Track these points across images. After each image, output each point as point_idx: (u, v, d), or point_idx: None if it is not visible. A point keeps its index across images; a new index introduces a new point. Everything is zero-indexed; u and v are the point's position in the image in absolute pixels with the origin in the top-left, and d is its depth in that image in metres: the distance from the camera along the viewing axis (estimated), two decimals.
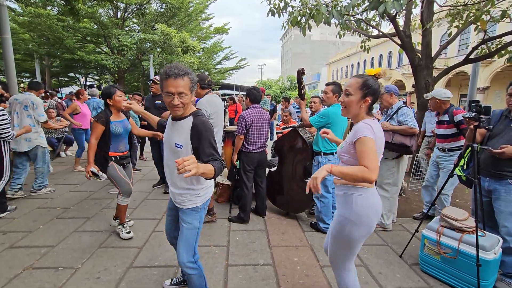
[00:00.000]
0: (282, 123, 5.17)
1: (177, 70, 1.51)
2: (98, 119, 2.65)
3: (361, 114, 1.58)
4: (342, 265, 1.65)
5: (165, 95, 1.53)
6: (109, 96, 2.71)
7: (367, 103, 1.56)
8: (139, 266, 2.41)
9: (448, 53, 22.59)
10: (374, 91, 1.56)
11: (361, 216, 1.52)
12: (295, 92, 31.38)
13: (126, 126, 2.86)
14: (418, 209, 3.92)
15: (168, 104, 1.56)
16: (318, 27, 4.77)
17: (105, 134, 2.68)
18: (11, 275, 2.23)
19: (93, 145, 2.65)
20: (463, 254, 2.17)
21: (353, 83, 1.57)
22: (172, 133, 1.65)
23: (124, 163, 2.94)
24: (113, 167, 2.77)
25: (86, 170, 2.61)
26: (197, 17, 20.40)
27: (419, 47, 5.48)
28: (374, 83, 1.56)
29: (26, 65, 19.13)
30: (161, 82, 1.54)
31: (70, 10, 7.64)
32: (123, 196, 2.83)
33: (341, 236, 1.59)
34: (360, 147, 1.44)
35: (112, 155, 2.79)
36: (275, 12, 4.94)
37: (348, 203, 1.55)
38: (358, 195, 1.54)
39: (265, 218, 3.51)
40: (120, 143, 2.85)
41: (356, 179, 1.40)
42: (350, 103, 1.57)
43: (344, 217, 1.56)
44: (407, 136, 2.95)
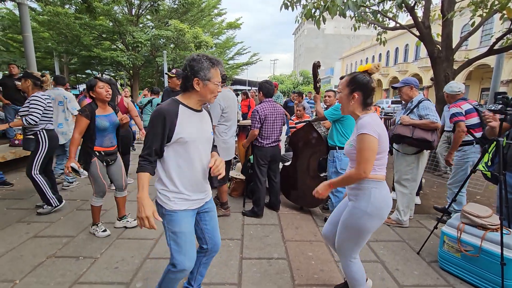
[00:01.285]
0: (296, 118, 5.12)
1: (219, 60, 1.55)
2: (82, 113, 2.53)
3: (355, 110, 1.63)
4: (349, 254, 1.71)
5: (214, 84, 1.50)
6: (91, 88, 2.60)
7: (355, 99, 1.60)
8: (155, 258, 2.46)
9: (469, 45, 21.69)
10: (361, 86, 1.59)
11: (377, 209, 1.58)
12: (307, 87, 31.04)
13: (113, 120, 2.72)
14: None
15: (213, 92, 1.51)
16: (332, 20, 4.69)
17: (89, 128, 2.57)
18: (35, 263, 2.33)
19: (76, 140, 2.56)
20: (486, 252, 2.09)
21: (343, 81, 1.67)
22: (202, 124, 1.60)
23: (109, 160, 2.77)
24: (94, 164, 2.63)
25: (66, 166, 2.55)
26: (209, 12, 20.41)
27: (439, 38, 5.27)
28: (362, 78, 1.60)
29: (46, 63, 19.78)
30: (208, 71, 1.47)
31: (86, 8, 7.82)
32: (96, 197, 2.73)
33: (354, 228, 1.64)
34: (358, 144, 1.52)
35: (96, 150, 2.65)
36: (289, 6, 4.86)
37: (366, 196, 1.59)
38: (376, 189, 1.59)
39: (279, 213, 3.51)
40: (106, 137, 2.69)
41: (352, 182, 1.60)
42: (341, 100, 1.68)
43: (361, 210, 1.60)
44: (429, 131, 2.85)
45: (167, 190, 1.53)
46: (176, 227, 1.53)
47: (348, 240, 1.69)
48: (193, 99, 1.53)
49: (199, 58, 1.48)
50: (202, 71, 1.46)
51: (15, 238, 2.72)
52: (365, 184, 1.59)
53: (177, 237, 1.53)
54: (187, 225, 1.57)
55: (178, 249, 1.54)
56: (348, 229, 1.67)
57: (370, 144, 1.48)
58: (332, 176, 3.07)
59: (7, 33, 15.01)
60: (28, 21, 5.45)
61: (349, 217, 1.65)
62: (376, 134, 1.50)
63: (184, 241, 1.54)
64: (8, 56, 14.47)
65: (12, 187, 4.16)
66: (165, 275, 1.63)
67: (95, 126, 2.59)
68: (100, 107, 2.67)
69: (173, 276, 1.59)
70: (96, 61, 18.65)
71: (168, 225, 1.55)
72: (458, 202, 3.15)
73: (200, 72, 1.45)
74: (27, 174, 3.16)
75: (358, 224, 1.61)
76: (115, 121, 2.75)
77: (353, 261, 1.72)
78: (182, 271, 1.56)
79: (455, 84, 3.27)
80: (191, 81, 1.47)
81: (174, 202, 1.53)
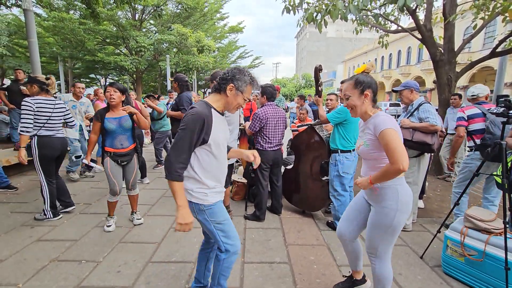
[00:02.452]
0: (298, 121, 5.13)
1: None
2: (94, 116, 2.87)
3: (368, 110, 1.67)
4: (384, 254, 1.72)
5: (243, 99, 1.62)
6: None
7: (367, 97, 1.64)
8: (157, 261, 2.47)
9: (472, 47, 21.61)
10: (369, 84, 1.65)
11: (405, 204, 1.63)
12: (309, 90, 31.06)
13: (121, 123, 2.85)
14: (439, 209, 3.78)
15: (239, 104, 1.62)
16: (334, 23, 4.73)
17: (101, 129, 2.85)
18: (38, 266, 2.35)
19: (91, 139, 2.89)
20: (490, 256, 2.07)
21: (347, 86, 1.70)
22: (226, 126, 1.73)
23: (119, 160, 2.91)
24: (106, 163, 2.86)
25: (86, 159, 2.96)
26: (212, 17, 20.58)
27: (441, 41, 5.26)
28: (365, 77, 1.67)
29: (50, 68, 20.05)
30: (245, 84, 1.59)
31: (91, 13, 7.92)
32: (110, 194, 2.96)
33: (387, 226, 1.65)
34: (385, 139, 1.51)
35: (107, 151, 2.86)
36: (290, 9, 4.89)
37: (394, 194, 1.63)
38: (400, 185, 1.63)
39: (281, 216, 3.50)
40: (115, 139, 2.87)
41: (391, 177, 1.55)
42: (353, 104, 1.68)
43: (391, 208, 1.62)
44: (428, 134, 2.84)
45: (203, 188, 1.60)
46: (220, 216, 1.65)
47: (383, 241, 1.70)
48: (220, 104, 1.62)
49: (244, 71, 1.60)
50: (240, 81, 1.56)
51: (19, 242, 2.74)
52: (390, 183, 1.62)
53: (223, 225, 1.65)
54: (225, 212, 1.70)
55: (226, 235, 1.66)
56: (382, 230, 1.68)
57: (396, 137, 1.50)
58: (334, 179, 3.06)
59: (13, 38, 15.24)
60: (34, 27, 5.52)
61: (381, 218, 1.67)
62: (397, 129, 1.54)
63: (229, 227, 1.68)
64: (14, 61, 14.71)
65: (17, 191, 4.19)
66: (221, 265, 1.69)
67: (103, 128, 2.82)
68: (112, 110, 2.87)
69: (230, 260, 1.70)
70: (100, 65, 18.87)
71: (211, 218, 1.63)
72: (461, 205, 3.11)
73: (238, 81, 1.56)
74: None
75: (392, 223, 1.63)
76: (123, 124, 2.87)
77: (387, 262, 1.74)
78: (236, 252, 1.70)
79: (472, 88, 3.23)
80: (227, 85, 1.56)
81: (212, 197, 1.62)
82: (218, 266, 1.70)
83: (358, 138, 1.81)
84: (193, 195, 1.59)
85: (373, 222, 1.72)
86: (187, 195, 1.59)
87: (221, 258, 1.68)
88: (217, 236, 1.65)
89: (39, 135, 3.08)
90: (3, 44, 11.02)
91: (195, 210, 1.61)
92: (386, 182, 1.62)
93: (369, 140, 1.64)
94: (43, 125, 3.10)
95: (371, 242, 1.75)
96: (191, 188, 1.58)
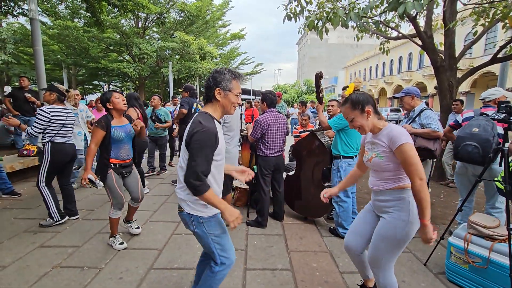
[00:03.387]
0: (300, 127, 5.15)
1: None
2: (98, 124, 2.54)
3: (375, 123, 1.67)
4: (388, 265, 1.71)
5: (235, 95, 1.60)
6: (107, 101, 2.62)
7: (370, 113, 1.64)
8: (159, 268, 2.46)
9: (473, 53, 21.66)
10: (366, 100, 1.65)
11: (415, 215, 1.59)
12: (311, 96, 31.14)
13: (128, 131, 2.72)
14: (443, 215, 3.75)
15: (233, 102, 1.60)
16: (335, 30, 4.76)
17: (105, 139, 2.57)
18: (41, 272, 2.35)
19: (92, 151, 2.55)
20: (494, 263, 2.05)
21: (346, 111, 1.70)
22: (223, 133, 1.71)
23: (124, 172, 2.76)
24: (110, 177, 2.62)
25: (83, 177, 2.52)
26: (214, 24, 20.83)
27: (441, 47, 5.29)
28: (359, 95, 1.67)
29: (55, 75, 20.28)
30: (229, 82, 1.57)
31: (95, 21, 8.06)
32: (114, 209, 2.72)
33: (397, 239, 1.62)
34: (406, 153, 1.51)
35: (111, 162, 2.63)
36: (292, 17, 4.95)
37: (406, 206, 1.61)
38: (411, 196, 1.60)
39: (283, 223, 3.49)
40: (122, 149, 2.68)
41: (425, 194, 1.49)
42: (359, 124, 1.67)
43: (403, 220, 1.60)
44: (431, 140, 2.85)
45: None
46: (218, 229, 1.64)
47: (388, 253, 1.67)
48: (218, 111, 1.61)
49: (221, 70, 1.59)
50: (224, 82, 1.55)
51: (22, 248, 2.75)
52: (404, 194, 1.62)
53: (220, 239, 1.64)
54: (223, 225, 1.69)
55: (223, 248, 1.65)
56: (390, 241, 1.64)
57: (415, 151, 1.51)
58: (336, 185, 3.04)
59: (18, 46, 15.48)
60: (39, 35, 5.63)
61: (392, 230, 1.63)
62: (411, 142, 1.55)
63: (226, 240, 1.67)
64: (19, 68, 14.90)
65: (20, 197, 4.22)
66: (214, 277, 1.66)
67: (110, 137, 2.59)
68: (116, 118, 2.67)
69: (224, 273, 1.69)
70: (103, 72, 19.07)
71: (209, 231, 1.61)
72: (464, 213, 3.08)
73: (222, 82, 1.55)
74: (36, 185, 3.22)
75: (402, 235, 1.60)
76: (130, 132, 2.75)
77: (390, 272, 1.72)
78: (230, 265, 1.69)
79: (484, 92, 3.30)
80: (213, 91, 1.55)
81: (211, 209, 1.60)
82: (210, 278, 1.67)
83: (366, 150, 1.78)
84: (193, 207, 1.58)
85: (381, 233, 1.68)
86: (186, 207, 1.58)
87: (215, 271, 1.65)
88: (214, 249, 1.63)
89: (53, 142, 3.20)
90: (9, 51, 11.19)
91: (193, 223, 1.59)
92: (400, 193, 1.62)
93: (382, 152, 1.62)
94: (57, 132, 3.21)
95: (376, 253, 1.71)
96: (191, 200, 1.57)
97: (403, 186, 1.62)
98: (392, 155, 1.59)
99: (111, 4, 7.64)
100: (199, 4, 17.30)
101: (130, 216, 3.08)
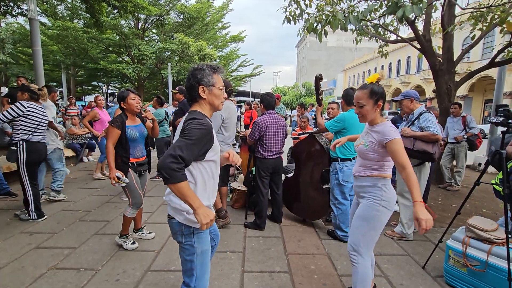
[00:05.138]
0: (299, 129, 5.15)
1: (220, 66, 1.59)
2: (114, 123, 2.57)
3: (377, 117, 1.82)
4: (365, 249, 1.83)
5: (219, 89, 1.53)
6: (123, 99, 2.64)
7: (380, 107, 1.79)
8: (156, 270, 2.44)
9: (471, 57, 21.82)
10: (383, 95, 1.79)
11: (389, 201, 1.78)
12: (310, 99, 31.20)
13: (142, 131, 2.77)
14: (441, 219, 3.75)
15: (219, 97, 1.54)
16: (334, 33, 4.78)
17: (121, 139, 2.59)
18: (36, 274, 2.32)
19: (111, 150, 2.55)
20: (492, 267, 2.05)
21: (362, 95, 1.79)
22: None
23: (141, 170, 2.83)
24: (130, 176, 2.64)
25: (111, 177, 2.51)
26: (214, 26, 20.88)
27: (440, 51, 5.32)
28: (379, 88, 1.79)
29: (53, 75, 20.25)
30: (210, 77, 1.50)
31: (95, 22, 8.07)
32: (132, 208, 2.71)
33: (370, 219, 1.79)
34: (395, 146, 1.67)
35: (130, 161, 2.68)
36: (291, 20, 4.97)
37: (379, 192, 1.78)
38: (385, 185, 1.79)
39: (281, 225, 3.48)
40: (136, 148, 2.73)
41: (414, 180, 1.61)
42: (365, 112, 1.79)
43: (376, 203, 1.78)
44: (430, 143, 2.85)
45: None
46: (206, 244, 1.53)
47: (364, 236, 1.82)
48: (206, 110, 1.53)
49: (200, 66, 1.52)
50: (205, 78, 1.48)
51: (17, 249, 2.72)
52: (377, 182, 1.79)
53: (204, 257, 1.52)
54: (209, 241, 1.58)
55: (202, 271, 1.52)
56: (364, 222, 1.81)
57: (402, 145, 1.68)
58: (335, 188, 3.05)
59: (17, 46, 15.44)
60: (38, 35, 5.61)
61: (365, 210, 1.82)
62: (400, 137, 1.71)
63: (207, 261, 1.55)
64: (17, 68, 14.85)
65: (16, 198, 4.18)
66: None
67: (127, 137, 2.61)
68: (130, 118, 2.70)
69: None
70: (102, 73, 19.04)
71: (198, 244, 1.48)
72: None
73: (203, 79, 1.48)
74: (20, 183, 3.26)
75: (375, 216, 1.77)
76: (144, 132, 2.79)
77: (365, 259, 1.83)
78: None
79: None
80: (197, 90, 1.48)
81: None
82: None
83: (359, 137, 1.95)
84: (187, 217, 1.44)
85: (357, 214, 1.87)
86: (179, 216, 1.46)
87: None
88: (194, 269, 1.49)
89: (28, 141, 3.20)
90: (8, 51, 11.16)
91: (183, 233, 1.46)
92: (376, 181, 1.80)
93: (370, 142, 1.79)
94: (33, 131, 3.21)
95: (354, 235, 1.87)
96: (186, 209, 1.40)
97: (379, 175, 1.79)
98: (378, 147, 1.75)
99: (111, 5, 7.66)
100: (199, 6, 17.35)
101: (138, 223, 3.01)
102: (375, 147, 1.76)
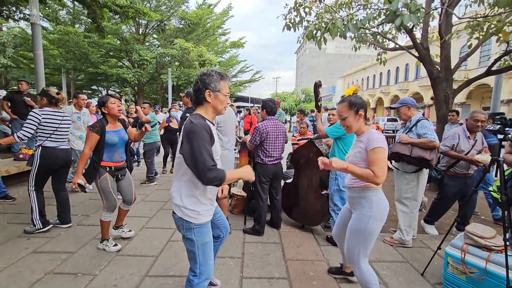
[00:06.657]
0: (298, 135, 5.17)
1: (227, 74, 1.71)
2: (93, 128, 2.55)
3: (361, 127, 1.89)
4: (362, 258, 1.88)
5: (224, 95, 1.65)
6: (103, 105, 2.65)
7: (361, 116, 1.86)
8: (154, 275, 2.43)
9: (468, 65, 22.05)
10: (362, 104, 1.87)
11: (379, 212, 1.82)
12: (309, 105, 31.32)
13: (122, 136, 2.76)
14: (440, 225, 3.75)
15: (223, 103, 1.65)
16: (333, 40, 4.83)
17: (98, 144, 2.59)
18: (33, 279, 2.30)
19: (86, 155, 2.57)
20: (491, 274, 2.05)
21: (342, 108, 1.90)
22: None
23: (119, 175, 2.80)
24: (105, 180, 2.64)
25: (73, 182, 2.53)
26: (214, 32, 21.11)
27: (438, 59, 5.39)
28: (357, 98, 1.88)
29: (54, 79, 20.32)
30: (218, 83, 1.61)
31: (96, 27, 8.14)
32: (107, 212, 2.73)
33: (363, 232, 1.84)
34: (374, 155, 1.73)
35: (107, 165, 2.67)
36: (291, 27, 5.04)
37: (369, 203, 1.83)
38: (376, 196, 1.84)
39: (280, 231, 3.47)
40: (115, 153, 2.72)
41: (364, 180, 1.75)
42: (349, 123, 1.89)
43: (366, 215, 1.82)
44: (427, 150, 2.87)
45: (199, 205, 1.61)
46: (206, 237, 1.66)
47: (358, 246, 1.87)
48: (209, 113, 1.64)
49: (209, 72, 1.63)
50: (212, 83, 1.59)
51: (15, 253, 2.70)
52: (367, 193, 1.84)
53: (206, 248, 1.65)
54: (211, 234, 1.71)
55: (205, 258, 1.66)
56: (357, 234, 1.87)
57: (385, 156, 1.73)
58: (334, 194, 3.06)
59: (18, 50, 15.52)
60: (40, 40, 5.66)
61: (357, 223, 1.86)
62: (386, 148, 1.76)
63: (209, 250, 1.68)
64: (18, 72, 14.91)
65: (14, 201, 4.16)
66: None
67: (104, 142, 2.61)
68: (110, 122, 2.70)
69: (203, 285, 1.69)
70: (102, 77, 19.16)
71: (198, 238, 1.62)
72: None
73: (211, 84, 1.59)
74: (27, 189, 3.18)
75: (366, 228, 1.82)
76: (124, 137, 2.78)
77: (366, 265, 1.89)
78: (208, 278, 1.70)
79: None
80: (203, 93, 1.59)
81: (204, 215, 1.63)
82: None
83: (349, 149, 2.01)
84: (186, 213, 1.59)
85: (350, 226, 1.93)
86: (179, 211, 1.60)
87: (194, 284, 1.65)
88: (197, 258, 1.64)
89: (44, 146, 3.13)
90: (9, 55, 11.21)
91: (184, 227, 1.61)
92: (364, 192, 1.85)
93: (358, 152, 1.85)
94: (49, 136, 3.14)
95: (349, 246, 1.92)
96: (185, 205, 1.58)
97: (369, 186, 1.83)
98: (365, 155, 1.79)
99: (113, 11, 7.73)
100: (200, 12, 17.56)
101: (120, 221, 3.07)
102: (363, 157, 1.82)
